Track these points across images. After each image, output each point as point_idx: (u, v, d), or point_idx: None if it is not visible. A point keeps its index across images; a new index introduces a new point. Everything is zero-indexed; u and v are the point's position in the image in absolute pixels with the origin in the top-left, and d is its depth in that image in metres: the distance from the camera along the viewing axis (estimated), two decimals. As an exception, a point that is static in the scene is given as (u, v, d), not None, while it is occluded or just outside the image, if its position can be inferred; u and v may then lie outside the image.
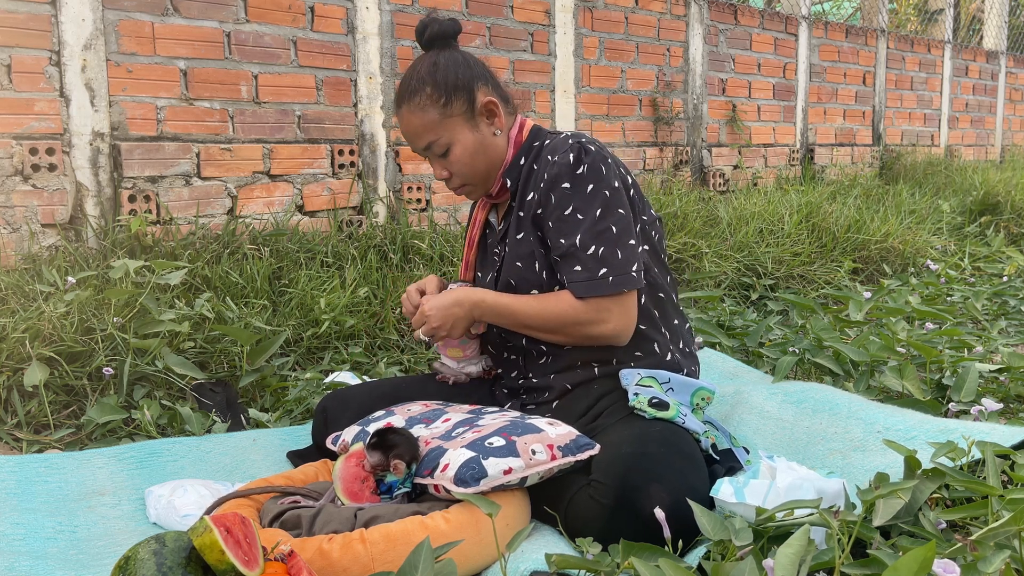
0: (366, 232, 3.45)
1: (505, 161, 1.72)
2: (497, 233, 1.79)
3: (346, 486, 1.47)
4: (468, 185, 1.74)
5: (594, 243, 1.58)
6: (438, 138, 1.67)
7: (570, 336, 1.64)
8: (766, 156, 5.84)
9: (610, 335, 1.62)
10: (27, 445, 1.95)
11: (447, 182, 1.74)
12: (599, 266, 1.58)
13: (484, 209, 1.84)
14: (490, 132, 1.70)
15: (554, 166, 1.62)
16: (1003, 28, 8.47)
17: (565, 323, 1.62)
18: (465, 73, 1.67)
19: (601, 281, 1.58)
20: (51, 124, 2.77)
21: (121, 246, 2.79)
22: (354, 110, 3.57)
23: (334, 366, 2.54)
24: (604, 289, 1.58)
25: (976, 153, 8.21)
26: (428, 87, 1.65)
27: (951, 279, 3.85)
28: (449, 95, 1.65)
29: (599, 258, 1.58)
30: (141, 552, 1.10)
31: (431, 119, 1.66)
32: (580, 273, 1.59)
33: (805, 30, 6.05)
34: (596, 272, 1.58)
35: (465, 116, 1.67)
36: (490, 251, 1.82)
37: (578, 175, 1.60)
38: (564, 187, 1.60)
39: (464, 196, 1.78)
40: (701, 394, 1.66)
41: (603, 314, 1.60)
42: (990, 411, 1.85)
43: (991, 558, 1.06)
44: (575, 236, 1.59)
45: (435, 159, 1.71)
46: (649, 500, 1.32)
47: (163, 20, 3.00)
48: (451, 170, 1.71)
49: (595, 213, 1.59)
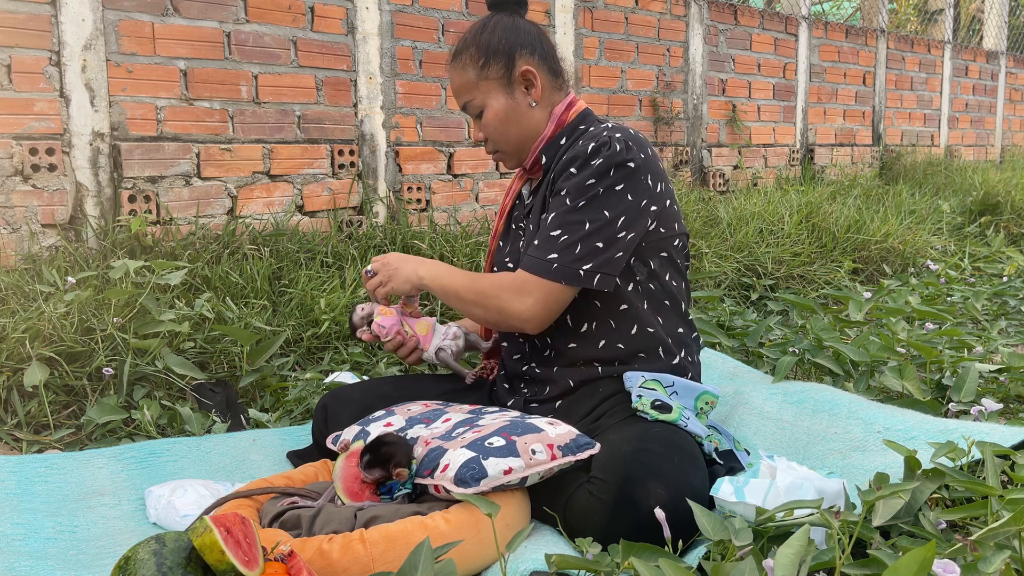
0: (366, 232, 3.45)
1: (545, 135, 1.70)
2: (525, 207, 1.78)
3: (346, 486, 1.47)
4: (500, 152, 1.74)
5: (560, 229, 1.57)
6: (472, 99, 1.69)
7: (486, 306, 1.62)
8: (766, 156, 5.84)
9: (522, 315, 1.58)
10: (27, 445, 1.95)
11: (484, 145, 1.76)
12: (551, 250, 1.56)
13: (520, 180, 1.83)
14: (526, 102, 1.69)
15: (573, 150, 1.62)
16: (1003, 28, 8.47)
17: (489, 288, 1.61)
18: (509, 38, 1.67)
19: (545, 263, 1.56)
20: (51, 124, 2.77)
21: (121, 246, 2.79)
22: (354, 110, 3.57)
23: (334, 366, 2.54)
24: (542, 272, 1.56)
25: (976, 153, 8.21)
26: (472, 48, 1.68)
27: (951, 279, 3.85)
28: (488, 58, 1.66)
29: (556, 243, 1.56)
30: (141, 552, 1.10)
31: (469, 79, 1.68)
32: (533, 248, 1.59)
33: (805, 30, 6.05)
34: (545, 254, 1.56)
35: (501, 81, 1.67)
36: (514, 223, 1.81)
37: (588, 164, 1.58)
38: (571, 171, 1.60)
39: (500, 163, 1.79)
40: (705, 398, 1.65)
41: (524, 292, 1.57)
42: (990, 411, 1.85)
43: (991, 558, 1.06)
44: (550, 217, 1.59)
45: (475, 120, 1.73)
46: (649, 497, 1.32)
47: (163, 20, 3.00)
48: (485, 133, 1.72)
49: (577, 203, 1.57)
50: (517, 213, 1.81)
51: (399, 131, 3.73)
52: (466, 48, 1.68)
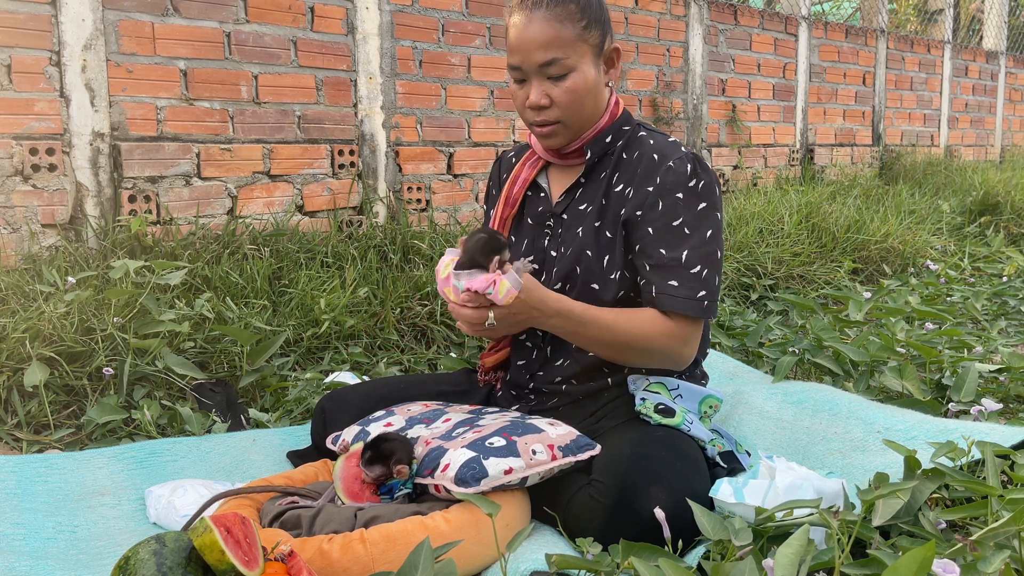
0: (366, 232, 3.45)
1: (599, 124, 1.62)
2: (550, 200, 1.68)
3: (346, 486, 1.47)
4: (560, 124, 1.58)
5: (700, 263, 1.52)
6: (565, 58, 1.52)
7: (642, 354, 1.54)
8: (766, 156, 5.84)
9: (684, 359, 1.56)
10: (27, 445, 1.95)
11: (537, 112, 1.57)
12: (700, 287, 1.52)
13: (533, 167, 1.70)
14: (604, 81, 1.61)
15: (670, 172, 1.54)
16: (1003, 28, 8.47)
17: (650, 343, 1.52)
18: (606, 11, 1.59)
19: (697, 303, 1.51)
20: (51, 124, 2.77)
21: (121, 246, 2.79)
22: (354, 110, 3.57)
23: (334, 366, 2.54)
24: (696, 311, 1.51)
25: (976, 153, 8.21)
26: (574, 3, 1.53)
27: (951, 279, 3.85)
28: (591, 22, 1.54)
29: (701, 279, 1.52)
30: (141, 552, 1.10)
31: (566, 35, 1.52)
32: (677, 288, 1.51)
33: (805, 30, 6.05)
34: (695, 292, 1.51)
35: (595, 51, 1.56)
36: (534, 217, 1.70)
37: (692, 188, 1.54)
38: (677, 196, 1.53)
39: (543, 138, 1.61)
40: (709, 402, 1.65)
41: (686, 336, 1.53)
42: (990, 411, 1.85)
43: (991, 558, 1.06)
44: (680, 251, 1.52)
45: (541, 80, 1.55)
46: (649, 500, 1.32)
47: (163, 20, 3.00)
48: (556, 99, 1.55)
49: (705, 234, 1.53)
50: (541, 207, 1.69)
51: (399, 131, 3.73)
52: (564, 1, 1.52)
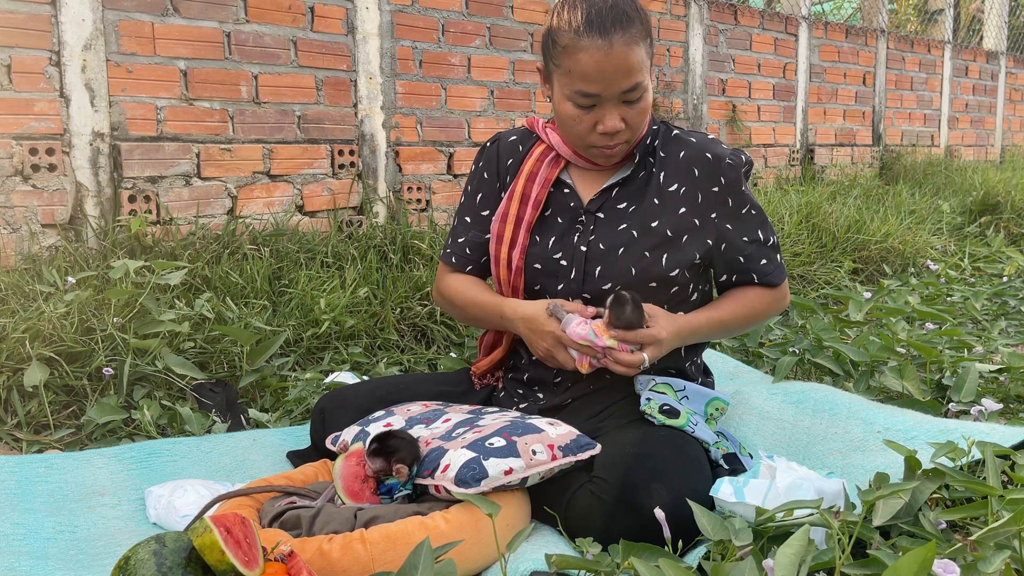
0: (366, 232, 3.45)
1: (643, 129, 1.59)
2: (578, 197, 1.65)
3: (346, 485, 1.47)
4: (628, 144, 1.55)
5: (769, 234, 1.70)
6: (644, 80, 1.46)
7: (760, 323, 1.77)
8: (766, 156, 5.84)
9: (787, 306, 1.79)
10: (27, 445, 1.95)
11: (611, 138, 1.51)
12: (776, 252, 1.71)
13: (555, 167, 1.64)
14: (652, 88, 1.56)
15: (731, 169, 1.62)
16: (1003, 28, 8.47)
17: (767, 313, 1.72)
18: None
19: (782, 267, 1.72)
20: (51, 124, 2.77)
21: (121, 246, 2.79)
22: (354, 110, 3.57)
23: (334, 366, 2.54)
24: (785, 273, 1.72)
25: (976, 153, 8.21)
26: (637, 22, 1.44)
27: (951, 279, 3.85)
28: (649, 38, 1.48)
29: (776, 246, 1.71)
30: (141, 552, 1.10)
31: (643, 57, 1.45)
32: (767, 265, 1.68)
33: (805, 30, 6.05)
34: (777, 259, 1.71)
35: (650, 63, 1.51)
36: (564, 216, 1.65)
37: (742, 176, 1.65)
38: (742, 190, 1.65)
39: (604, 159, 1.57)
40: (716, 404, 1.65)
41: (785, 292, 1.74)
42: (990, 411, 1.85)
43: (991, 558, 1.06)
44: (757, 232, 1.67)
45: (616, 106, 1.48)
46: (650, 498, 1.32)
47: (163, 20, 3.00)
48: (629, 122, 1.50)
49: (760, 208, 1.69)
50: (574, 204, 1.64)
51: (399, 131, 3.73)
52: (633, 20, 1.43)
